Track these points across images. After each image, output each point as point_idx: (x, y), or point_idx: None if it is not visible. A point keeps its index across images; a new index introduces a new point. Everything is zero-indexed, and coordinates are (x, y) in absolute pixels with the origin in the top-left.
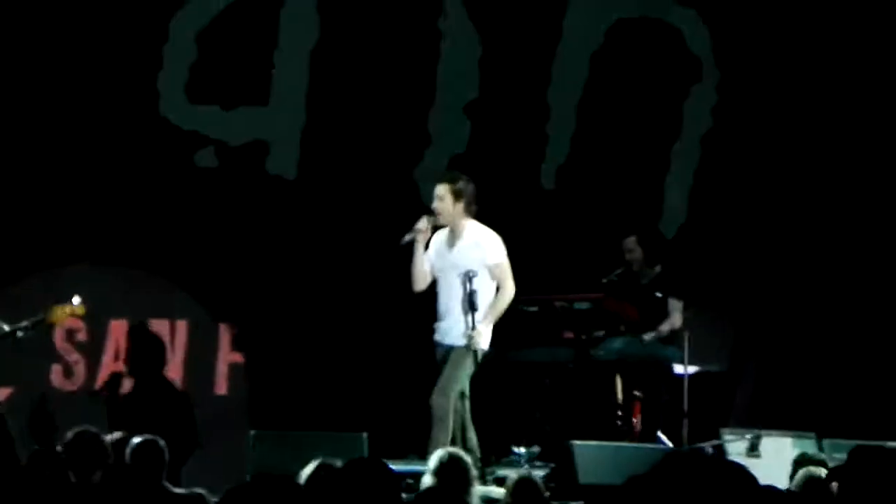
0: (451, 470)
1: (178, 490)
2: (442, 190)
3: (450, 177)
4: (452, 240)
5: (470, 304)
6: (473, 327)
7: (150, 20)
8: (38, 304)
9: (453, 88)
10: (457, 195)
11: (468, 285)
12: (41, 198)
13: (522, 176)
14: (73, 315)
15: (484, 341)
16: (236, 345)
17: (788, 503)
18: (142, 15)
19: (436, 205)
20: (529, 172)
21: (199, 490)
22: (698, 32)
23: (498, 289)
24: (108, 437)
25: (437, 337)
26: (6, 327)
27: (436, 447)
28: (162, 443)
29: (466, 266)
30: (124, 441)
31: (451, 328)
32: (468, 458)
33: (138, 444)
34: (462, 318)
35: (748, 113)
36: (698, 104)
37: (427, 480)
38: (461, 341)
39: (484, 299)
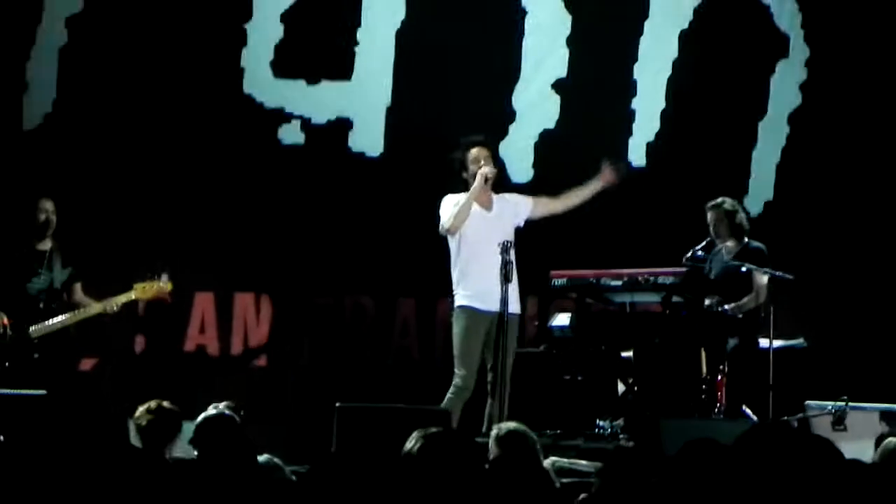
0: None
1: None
2: (490, 154)
3: (489, 144)
4: (490, 205)
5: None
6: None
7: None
8: (128, 278)
9: (540, 65)
10: (495, 163)
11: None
12: (127, 177)
13: (611, 153)
14: (160, 293)
15: None
16: (320, 317)
17: (873, 476)
18: None
19: (489, 166)
20: (619, 150)
21: (276, 460)
22: (786, 8)
23: None
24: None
25: (482, 304)
26: (97, 307)
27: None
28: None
29: (510, 231)
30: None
31: (516, 295)
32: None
33: (208, 418)
34: (516, 284)
35: (837, 90)
36: (785, 81)
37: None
38: (519, 308)
39: None
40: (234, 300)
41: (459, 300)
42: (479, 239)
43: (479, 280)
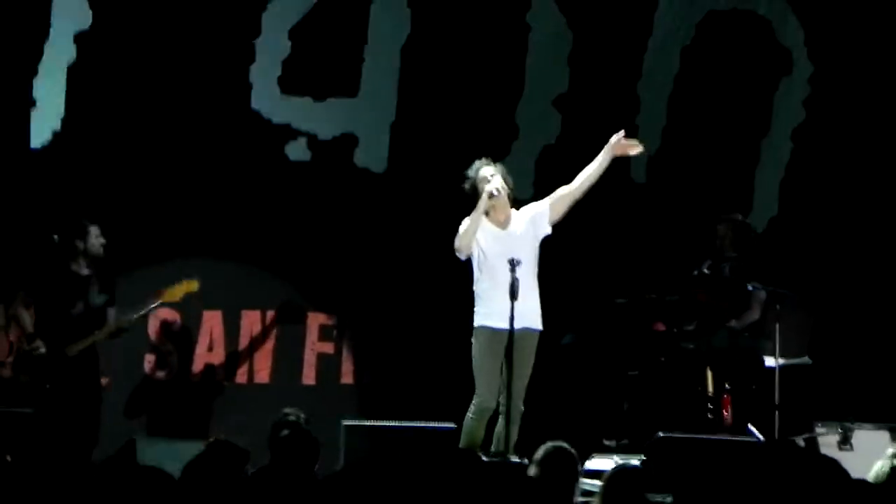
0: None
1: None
2: (502, 171)
3: (497, 164)
4: (506, 222)
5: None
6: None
7: (242, 14)
8: (135, 299)
9: (542, 82)
10: (507, 180)
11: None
12: (134, 193)
13: (613, 169)
14: (189, 290)
15: None
16: (325, 335)
17: (878, 496)
18: (235, 9)
19: (498, 183)
20: (620, 165)
21: None
22: (789, 24)
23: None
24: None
25: (500, 323)
26: (116, 323)
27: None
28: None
29: (528, 247)
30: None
31: (533, 310)
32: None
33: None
34: (538, 298)
35: (841, 106)
36: (789, 97)
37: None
38: (539, 324)
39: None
40: (242, 317)
41: (477, 320)
42: (494, 257)
43: (494, 299)
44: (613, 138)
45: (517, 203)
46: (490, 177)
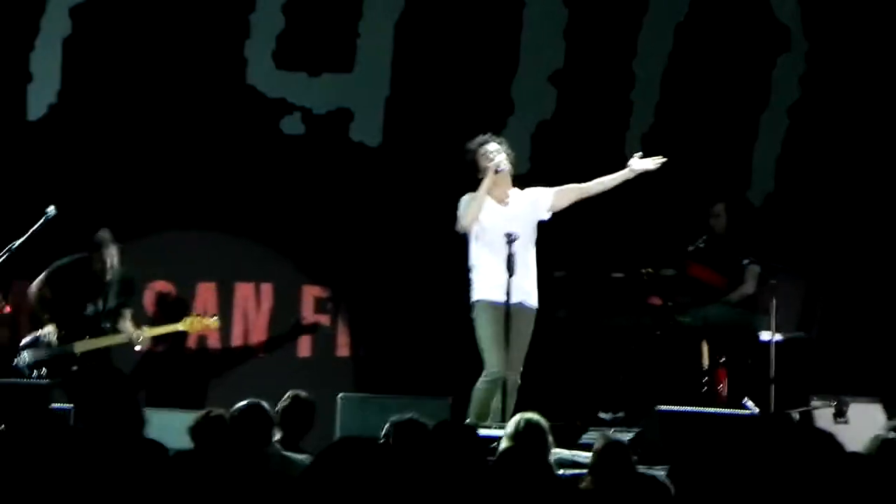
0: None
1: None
2: (504, 146)
3: (499, 138)
4: (505, 199)
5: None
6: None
7: None
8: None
9: (538, 57)
10: (510, 155)
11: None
12: (130, 166)
13: (607, 144)
14: (206, 330)
15: None
16: (320, 308)
17: (872, 469)
18: None
19: (501, 158)
20: (614, 142)
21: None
22: (786, 1)
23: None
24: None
25: (500, 297)
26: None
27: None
28: (266, 406)
29: (527, 225)
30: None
31: (529, 286)
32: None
33: (244, 408)
34: (535, 275)
35: (837, 82)
36: (786, 73)
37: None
38: (535, 301)
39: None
40: (235, 290)
41: (475, 294)
42: (492, 232)
43: (492, 273)
44: (633, 161)
45: (515, 179)
46: (494, 153)
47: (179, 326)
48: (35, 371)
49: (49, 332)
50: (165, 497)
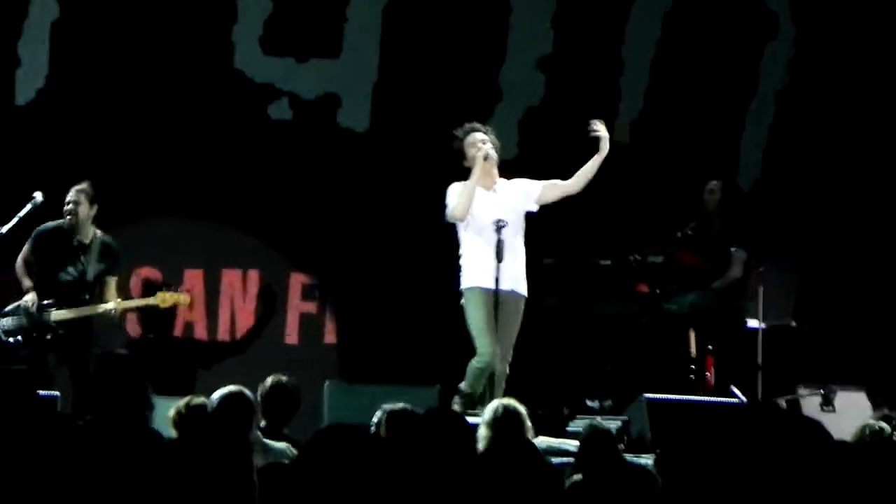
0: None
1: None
2: (491, 136)
3: (486, 127)
4: (493, 187)
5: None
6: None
7: None
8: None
9: (527, 43)
10: (496, 145)
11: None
12: (117, 151)
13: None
14: (177, 302)
15: None
16: (308, 295)
17: (859, 457)
18: None
19: (488, 146)
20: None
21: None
22: None
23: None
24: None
25: (488, 283)
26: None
27: None
28: (248, 393)
29: (515, 214)
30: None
31: (518, 274)
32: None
33: (226, 396)
34: (523, 263)
35: (825, 68)
36: (774, 60)
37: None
38: (524, 290)
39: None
40: (222, 276)
41: (464, 282)
42: (480, 219)
43: (481, 260)
44: (601, 139)
45: (503, 165)
46: (481, 142)
47: (151, 301)
48: (11, 338)
49: (29, 299)
50: (152, 487)
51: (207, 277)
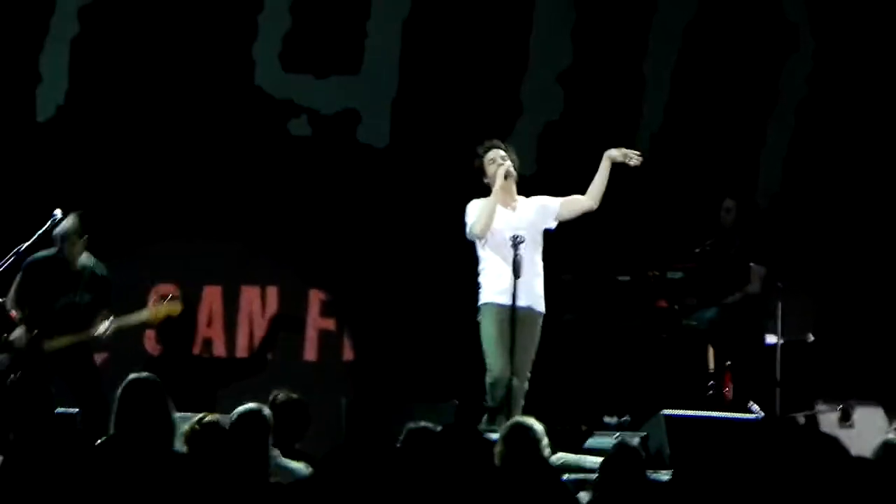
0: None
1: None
2: (511, 154)
3: (507, 145)
4: (512, 204)
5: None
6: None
7: None
8: (143, 277)
9: (546, 57)
10: (516, 162)
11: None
12: (138, 168)
13: (616, 144)
14: (171, 312)
15: None
16: (326, 311)
17: (876, 473)
18: None
19: (508, 165)
20: (623, 141)
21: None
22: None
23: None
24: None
25: (507, 299)
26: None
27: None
28: (267, 411)
29: (533, 231)
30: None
31: (536, 290)
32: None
33: (243, 414)
34: (541, 280)
35: (843, 81)
36: (794, 73)
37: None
38: (542, 306)
39: None
40: (241, 293)
41: (482, 297)
42: (499, 236)
43: (499, 276)
44: (611, 151)
45: (522, 180)
46: (501, 159)
47: (143, 316)
48: (10, 376)
49: (18, 335)
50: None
51: (226, 294)
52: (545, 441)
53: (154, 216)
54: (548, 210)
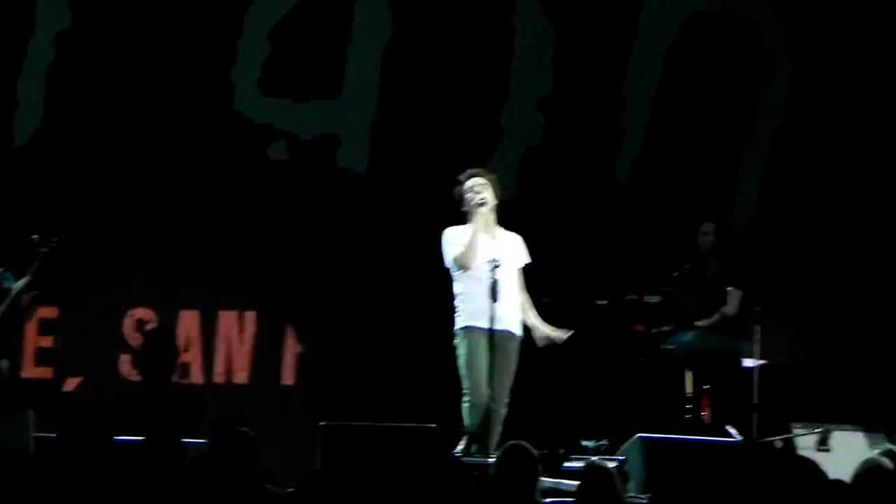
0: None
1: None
2: (491, 183)
3: (488, 174)
4: (491, 231)
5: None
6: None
7: (225, 15)
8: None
9: (527, 83)
10: (497, 192)
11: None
12: (116, 192)
13: (596, 169)
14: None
15: None
16: (304, 336)
17: (854, 497)
18: (217, 9)
19: (486, 194)
20: (604, 166)
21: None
22: (773, 26)
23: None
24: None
25: (483, 323)
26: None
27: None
28: (252, 434)
29: (511, 258)
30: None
31: (513, 314)
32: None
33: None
34: (518, 304)
35: (820, 106)
36: (770, 98)
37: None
38: (520, 330)
39: None
40: (219, 318)
41: (459, 322)
42: (478, 261)
43: (476, 300)
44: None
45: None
46: (480, 188)
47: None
48: None
49: None
50: None
51: (204, 319)
52: (540, 467)
53: (130, 240)
54: (520, 255)
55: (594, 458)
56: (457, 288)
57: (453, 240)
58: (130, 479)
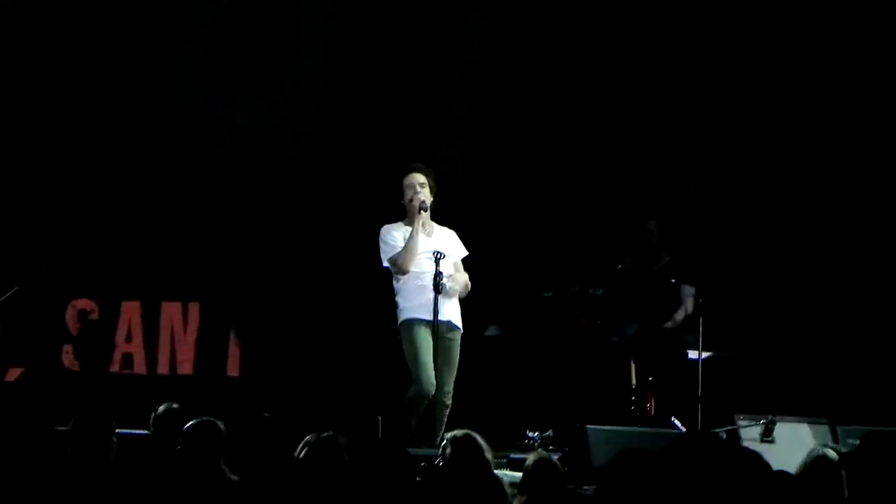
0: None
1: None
2: (430, 180)
3: (427, 169)
4: (429, 229)
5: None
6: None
7: (168, 6)
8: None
9: (474, 77)
10: (434, 188)
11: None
12: (56, 181)
13: (540, 163)
14: None
15: None
16: (247, 329)
17: (799, 488)
18: (160, 1)
19: (425, 195)
20: (548, 158)
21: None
22: None
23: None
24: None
25: (427, 315)
26: None
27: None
28: (220, 424)
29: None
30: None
31: (454, 306)
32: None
33: (194, 425)
34: (458, 301)
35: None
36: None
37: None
38: (460, 322)
39: None
40: (161, 309)
41: (402, 315)
42: (419, 256)
43: (419, 293)
44: None
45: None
46: (419, 186)
47: None
48: None
49: None
50: None
51: (146, 310)
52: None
53: (71, 230)
54: (457, 249)
55: (540, 450)
56: (397, 283)
57: (389, 240)
58: (63, 466)
